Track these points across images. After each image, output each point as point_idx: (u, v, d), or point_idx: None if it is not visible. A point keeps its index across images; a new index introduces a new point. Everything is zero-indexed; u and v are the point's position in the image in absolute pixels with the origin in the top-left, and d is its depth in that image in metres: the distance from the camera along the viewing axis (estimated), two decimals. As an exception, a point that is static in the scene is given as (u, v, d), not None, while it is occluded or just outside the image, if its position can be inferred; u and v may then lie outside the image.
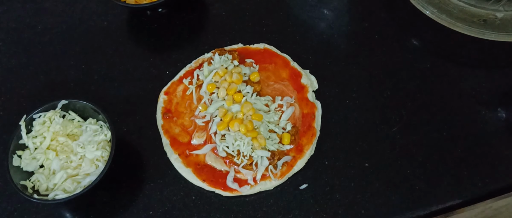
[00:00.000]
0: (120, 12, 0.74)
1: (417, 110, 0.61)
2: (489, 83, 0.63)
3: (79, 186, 0.52)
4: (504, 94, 0.62)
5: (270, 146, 0.56)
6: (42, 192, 0.52)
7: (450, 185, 0.56)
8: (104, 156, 0.54)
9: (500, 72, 0.64)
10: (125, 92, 0.65)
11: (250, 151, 0.55)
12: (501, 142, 0.58)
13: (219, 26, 0.71)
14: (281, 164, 0.56)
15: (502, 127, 0.59)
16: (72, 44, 0.71)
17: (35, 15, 0.74)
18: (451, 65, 0.65)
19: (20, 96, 0.65)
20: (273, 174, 0.55)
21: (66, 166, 0.53)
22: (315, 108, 0.60)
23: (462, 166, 0.57)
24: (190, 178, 0.56)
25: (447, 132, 0.59)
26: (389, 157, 0.58)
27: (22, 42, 0.71)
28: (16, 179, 0.52)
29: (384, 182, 0.56)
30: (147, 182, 0.57)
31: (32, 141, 0.55)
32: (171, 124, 0.60)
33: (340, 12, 0.72)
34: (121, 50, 0.69)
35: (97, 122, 0.57)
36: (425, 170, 0.56)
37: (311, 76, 0.64)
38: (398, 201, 0.55)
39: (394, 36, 0.68)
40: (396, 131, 0.60)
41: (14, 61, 0.69)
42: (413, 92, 0.63)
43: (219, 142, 0.56)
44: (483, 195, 0.55)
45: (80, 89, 0.66)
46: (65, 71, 0.68)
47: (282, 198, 0.56)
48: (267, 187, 0.56)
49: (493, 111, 0.61)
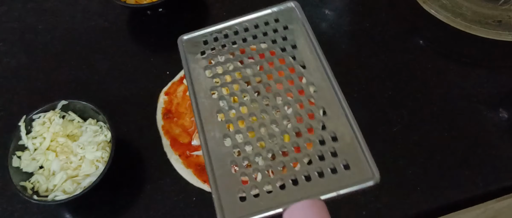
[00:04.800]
0: (120, 12, 0.73)
1: (418, 110, 0.61)
2: (491, 83, 0.63)
3: (79, 187, 0.52)
4: (505, 94, 0.62)
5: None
6: (42, 193, 0.52)
7: (451, 186, 0.55)
8: (104, 157, 0.54)
9: (502, 72, 0.64)
10: (125, 92, 0.65)
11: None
12: (503, 143, 0.58)
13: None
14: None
15: (503, 127, 0.59)
16: (72, 44, 0.70)
17: (36, 15, 0.74)
18: (452, 65, 0.65)
19: (20, 97, 0.65)
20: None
21: (66, 167, 0.53)
22: (316, 108, 0.60)
23: (463, 166, 0.56)
24: (191, 179, 0.56)
25: (448, 133, 0.59)
26: (389, 157, 0.58)
27: (22, 42, 0.71)
28: (16, 180, 0.51)
29: (385, 182, 0.56)
30: (147, 183, 0.57)
31: (31, 142, 0.54)
32: (172, 124, 0.60)
33: (341, 12, 0.72)
34: (121, 50, 0.69)
35: (97, 122, 0.57)
36: (426, 170, 0.56)
37: (312, 76, 0.63)
38: (398, 201, 0.54)
39: (395, 36, 0.68)
40: (396, 131, 0.59)
41: (14, 61, 0.69)
42: (414, 92, 0.63)
43: None
44: (484, 196, 0.55)
45: (80, 89, 0.66)
46: (65, 71, 0.68)
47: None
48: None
49: (495, 111, 0.60)
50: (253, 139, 0.34)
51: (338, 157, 0.32)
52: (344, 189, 0.30)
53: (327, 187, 0.31)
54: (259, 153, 0.34)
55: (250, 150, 0.34)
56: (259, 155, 0.33)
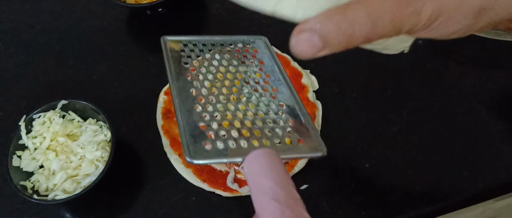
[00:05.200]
0: (120, 12, 0.73)
1: (418, 110, 0.61)
2: (490, 83, 0.63)
3: (79, 187, 0.52)
4: (505, 95, 0.62)
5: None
6: (42, 193, 0.52)
7: (450, 185, 0.55)
8: (104, 157, 0.54)
9: (501, 72, 0.64)
10: (125, 92, 0.65)
11: (250, 151, 0.55)
12: (502, 143, 0.58)
13: (219, 26, 0.71)
14: (282, 165, 0.56)
15: (503, 127, 0.59)
16: (71, 44, 0.70)
17: (35, 15, 0.74)
18: (451, 65, 0.65)
19: (20, 96, 0.65)
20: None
21: (66, 167, 0.53)
22: (316, 108, 0.60)
23: (462, 166, 0.56)
24: (190, 179, 0.56)
25: (447, 132, 0.59)
26: (389, 157, 0.58)
27: (21, 42, 0.71)
28: (16, 180, 0.51)
29: (385, 182, 0.56)
30: (147, 183, 0.57)
31: (31, 142, 0.54)
32: (171, 124, 0.60)
33: (341, 12, 0.72)
34: (121, 50, 0.69)
35: (97, 122, 0.57)
36: (425, 170, 0.56)
37: (312, 76, 0.64)
38: (398, 202, 0.54)
39: (395, 36, 0.68)
40: (396, 131, 0.59)
41: (13, 61, 0.69)
42: (414, 92, 0.63)
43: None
44: (483, 196, 0.55)
45: (80, 89, 0.66)
46: (64, 71, 0.67)
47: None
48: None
49: (494, 111, 0.60)
50: (222, 111, 0.40)
51: (295, 134, 0.39)
52: (297, 154, 0.38)
53: (283, 152, 0.36)
54: (225, 116, 0.39)
55: (219, 116, 0.39)
56: (225, 118, 0.39)
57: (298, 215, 0.29)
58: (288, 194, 0.29)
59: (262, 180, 0.30)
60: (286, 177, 0.31)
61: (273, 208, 0.29)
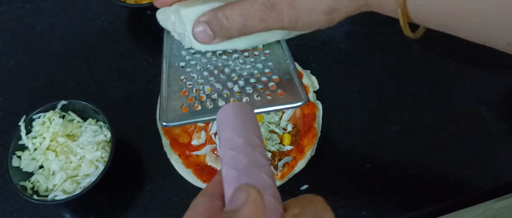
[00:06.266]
0: (120, 12, 0.73)
1: (418, 110, 0.61)
2: (491, 83, 0.63)
3: (79, 187, 0.52)
4: (505, 94, 0.62)
5: (270, 147, 0.56)
6: (42, 193, 0.52)
7: (451, 186, 0.55)
8: (103, 157, 0.53)
9: (502, 72, 0.64)
10: (125, 92, 0.65)
11: (250, 151, 0.55)
12: (503, 143, 0.58)
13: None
14: (282, 165, 0.56)
15: (503, 127, 0.59)
16: (71, 44, 0.70)
17: (35, 15, 0.74)
18: (452, 65, 0.65)
19: (20, 96, 0.65)
20: (274, 175, 0.55)
21: (65, 167, 0.53)
22: (316, 108, 0.60)
23: (463, 166, 0.56)
24: (190, 179, 0.56)
25: (448, 133, 0.59)
26: (390, 158, 0.58)
27: (21, 42, 0.71)
28: (15, 180, 0.51)
29: (385, 182, 0.56)
30: (147, 183, 0.57)
31: (31, 142, 0.54)
32: (171, 124, 0.60)
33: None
34: (121, 50, 0.69)
35: (97, 122, 0.57)
36: (426, 170, 0.56)
37: (312, 77, 0.64)
38: (399, 202, 0.54)
39: (395, 36, 0.68)
40: (397, 131, 0.59)
41: (13, 61, 0.69)
42: (414, 92, 0.63)
43: (219, 143, 0.56)
44: (484, 196, 0.55)
45: (80, 89, 0.65)
46: (64, 71, 0.67)
47: (283, 199, 0.55)
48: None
49: (495, 111, 0.60)
50: (206, 76, 0.41)
51: (278, 89, 0.39)
52: (276, 106, 0.38)
53: (261, 106, 0.37)
54: (207, 81, 0.40)
55: (202, 81, 0.40)
56: (207, 83, 0.40)
57: (254, 161, 0.28)
58: (245, 141, 0.28)
59: (223, 131, 0.30)
60: (250, 127, 0.30)
61: (228, 156, 0.28)
